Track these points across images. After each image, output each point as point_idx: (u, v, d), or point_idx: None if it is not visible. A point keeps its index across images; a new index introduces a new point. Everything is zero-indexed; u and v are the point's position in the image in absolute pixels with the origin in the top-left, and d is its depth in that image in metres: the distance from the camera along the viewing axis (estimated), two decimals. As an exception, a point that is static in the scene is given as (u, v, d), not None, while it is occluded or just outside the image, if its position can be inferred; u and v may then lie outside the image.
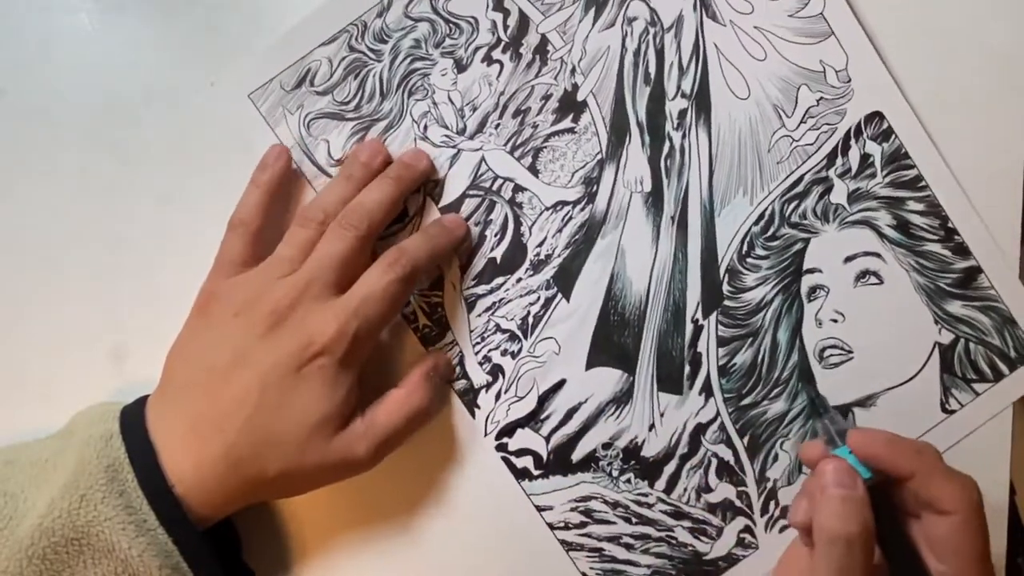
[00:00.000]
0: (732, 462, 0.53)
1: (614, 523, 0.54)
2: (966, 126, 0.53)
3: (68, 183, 0.52)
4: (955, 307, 0.53)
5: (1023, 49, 0.53)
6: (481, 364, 0.53)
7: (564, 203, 0.53)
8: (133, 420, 0.45)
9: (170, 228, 0.52)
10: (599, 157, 0.52)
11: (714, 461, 0.53)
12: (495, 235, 0.53)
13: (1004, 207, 0.53)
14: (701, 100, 0.52)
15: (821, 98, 0.52)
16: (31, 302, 0.52)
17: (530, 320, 0.53)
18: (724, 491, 0.54)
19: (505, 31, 0.52)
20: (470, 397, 0.53)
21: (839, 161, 0.53)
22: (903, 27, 0.53)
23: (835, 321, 0.53)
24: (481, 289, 0.53)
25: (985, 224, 0.53)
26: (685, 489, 0.54)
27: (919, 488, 0.43)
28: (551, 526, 0.54)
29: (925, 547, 0.44)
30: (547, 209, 0.53)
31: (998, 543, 0.54)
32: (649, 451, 0.53)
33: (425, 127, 0.52)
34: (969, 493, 0.43)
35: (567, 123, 0.52)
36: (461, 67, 0.52)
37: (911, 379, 0.54)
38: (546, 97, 0.52)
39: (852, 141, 0.53)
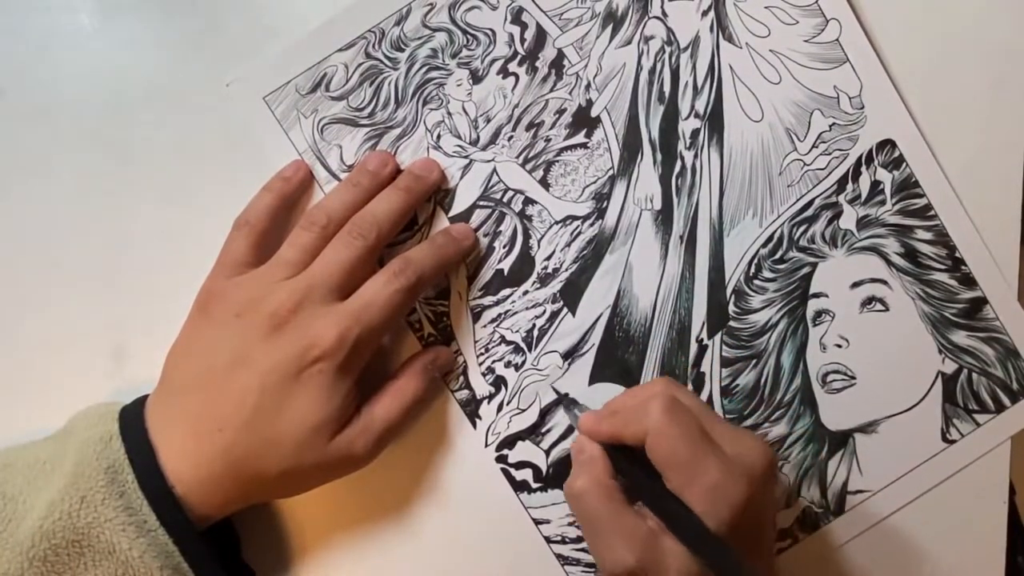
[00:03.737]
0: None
1: (611, 539, 0.54)
2: (979, 156, 0.53)
3: (68, 183, 0.51)
4: (959, 337, 0.54)
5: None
6: (484, 375, 0.53)
7: (574, 217, 0.53)
8: (132, 421, 0.45)
9: (170, 228, 0.52)
10: (610, 173, 0.53)
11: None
12: (503, 247, 0.53)
13: (1012, 239, 0.54)
14: (714, 121, 0.53)
15: (834, 124, 0.53)
16: (31, 302, 0.51)
17: (535, 333, 0.53)
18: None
19: (522, 44, 0.52)
20: (472, 408, 0.53)
21: (849, 187, 0.53)
22: (918, 56, 0.53)
23: (839, 346, 0.53)
24: (487, 300, 0.53)
25: (992, 255, 0.53)
26: (683, 508, 0.54)
27: (627, 439, 0.46)
28: (548, 539, 0.54)
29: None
30: (556, 223, 0.53)
31: (998, 543, 0.55)
32: (649, 469, 0.53)
33: (438, 136, 0.52)
34: (649, 411, 0.45)
35: (580, 138, 0.52)
36: (477, 78, 0.52)
37: (913, 407, 0.54)
38: (560, 111, 0.52)
39: (863, 168, 0.53)
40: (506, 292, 0.53)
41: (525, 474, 0.53)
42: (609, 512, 0.45)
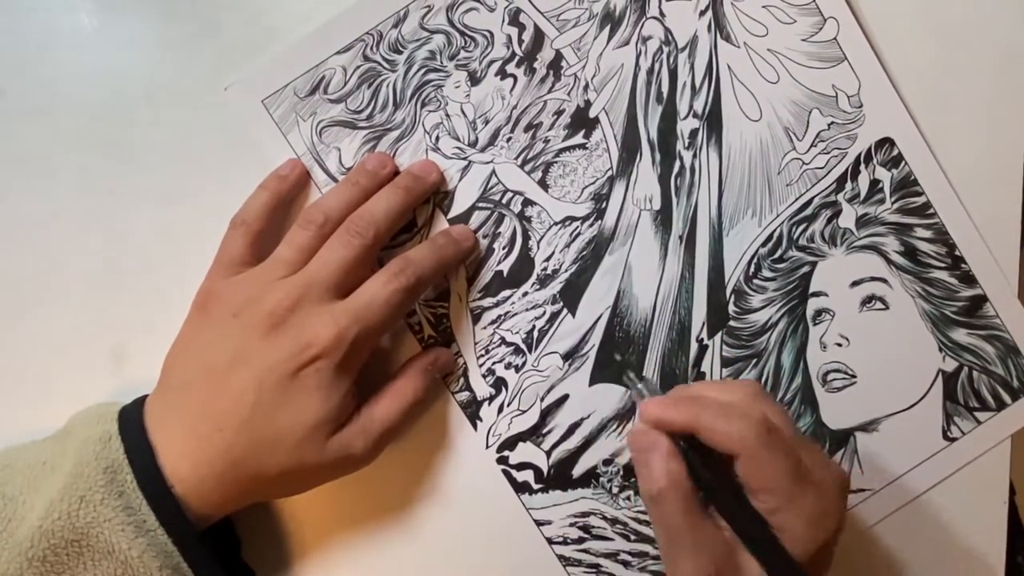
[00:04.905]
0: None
1: (612, 540, 0.54)
2: (979, 155, 0.53)
3: (68, 183, 0.51)
4: (960, 335, 0.54)
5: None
6: (485, 376, 0.53)
7: (573, 218, 0.53)
8: (131, 421, 0.45)
9: (170, 228, 0.52)
10: (609, 174, 0.53)
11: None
12: (503, 248, 0.53)
13: (1012, 237, 0.54)
14: (713, 120, 0.53)
15: (832, 122, 0.53)
16: (31, 302, 0.51)
17: (535, 334, 0.53)
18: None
19: (520, 46, 0.52)
20: (472, 409, 0.53)
21: (848, 186, 0.53)
22: (917, 54, 0.53)
23: (839, 345, 0.53)
24: (487, 302, 0.53)
25: (992, 253, 0.53)
26: (684, 508, 0.53)
27: (706, 437, 0.42)
28: (549, 541, 0.53)
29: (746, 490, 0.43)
30: (556, 224, 0.53)
31: (998, 543, 0.55)
32: (650, 469, 0.53)
33: (437, 138, 0.52)
34: (745, 430, 0.41)
35: (578, 139, 0.52)
36: (475, 80, 0.52)
37: (914, 405, 0.54)
38: (558, 112, 0.52)
39: (862, 166, 0.53)
40: (506, 293, 0.53)
41: (526, 475, 0.53)
42: (688, 522, 0.42)
